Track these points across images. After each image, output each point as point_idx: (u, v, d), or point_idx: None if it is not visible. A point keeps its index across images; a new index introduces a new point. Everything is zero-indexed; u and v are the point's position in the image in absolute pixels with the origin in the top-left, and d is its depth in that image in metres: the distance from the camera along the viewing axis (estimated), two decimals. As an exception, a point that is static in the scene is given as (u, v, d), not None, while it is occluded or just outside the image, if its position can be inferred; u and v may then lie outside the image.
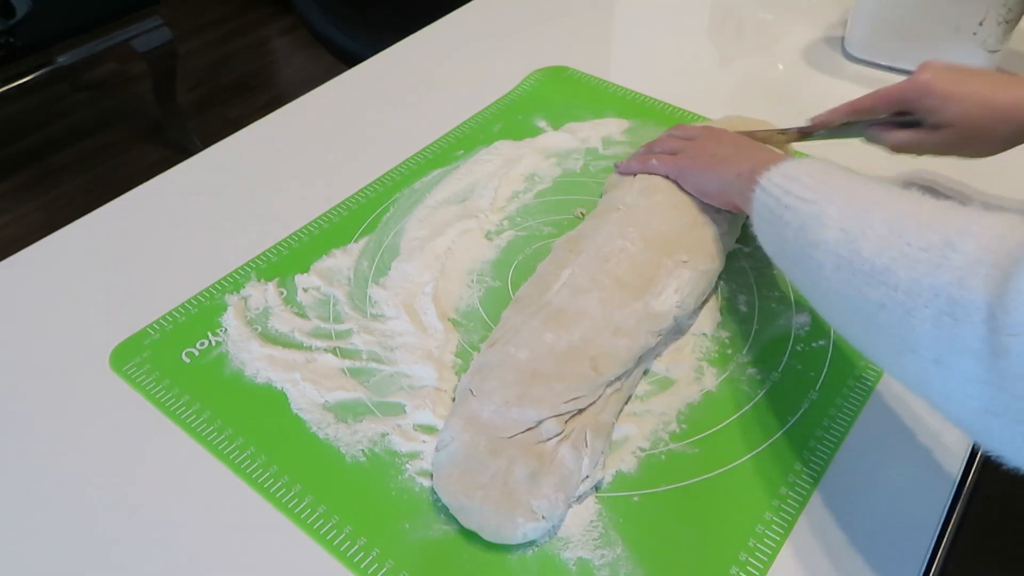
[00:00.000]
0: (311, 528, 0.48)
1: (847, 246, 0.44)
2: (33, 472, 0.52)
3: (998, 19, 0.82)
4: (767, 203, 0.52)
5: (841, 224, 0.45)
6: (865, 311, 0.44)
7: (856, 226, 0.44)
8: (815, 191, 0.49)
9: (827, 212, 0.47)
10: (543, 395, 0.51)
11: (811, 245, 0.47)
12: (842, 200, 0.47)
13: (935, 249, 0.40)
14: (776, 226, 0.51)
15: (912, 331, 0.40)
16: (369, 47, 0.97)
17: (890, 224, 0.43)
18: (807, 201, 0.49)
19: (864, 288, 0.43)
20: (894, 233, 0.42)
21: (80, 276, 0.66)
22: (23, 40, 1.63)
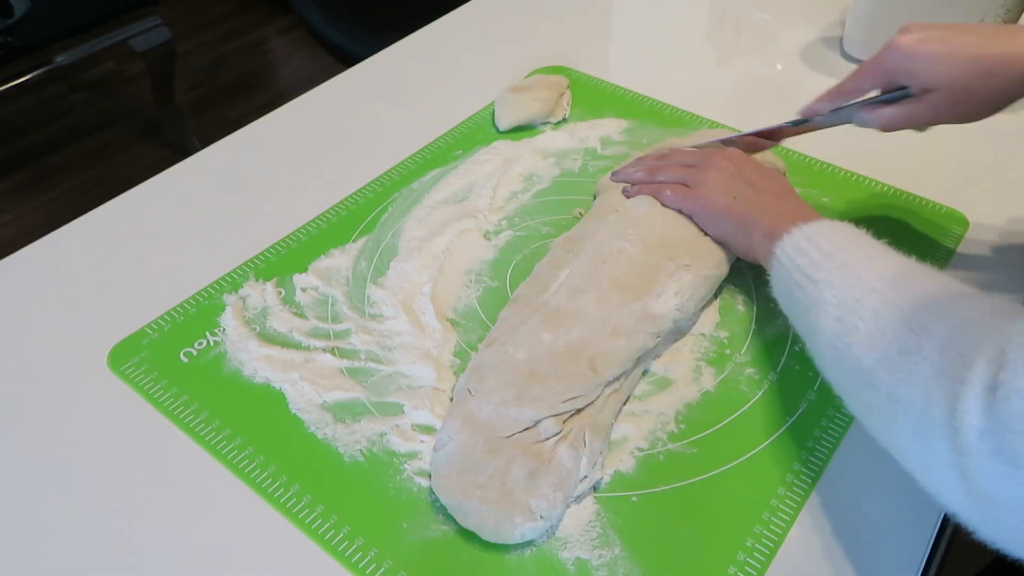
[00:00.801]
0: (309, 528, 0.48)
1: (841, 339, 0.46)
2: (31, 471, 0.52)
3: (996, 18, 0.82)
4: (782, 276, 0.53)
5: (836, 313, 0.47)
6: (859, 406, 0.47)
7: (849, 318, 0.46)
8: (819, 268, 0.50)
9: (825, 298, 0.48)
10: (541, 395, 0.51)
11: (814, 331, 0.49)
12: (841, 283, 0.48)
13: (909, 354, 0.41)
14: (790, 303, 0.53)
15: (898, 436, 0.42)
16: (368, 47, 0.97)
17: (878, 318, 0.44)
18: (812, 281, 0.50)
19: (855, 386, 0.46)
20: (879, 330, 0.44)
21: (78, 276, 0.66)
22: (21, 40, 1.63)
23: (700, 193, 0.62)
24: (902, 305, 0.44)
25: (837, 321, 0.46)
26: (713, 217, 0.61)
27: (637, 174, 0.67)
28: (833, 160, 0.76)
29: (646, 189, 0.64)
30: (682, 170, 0.64)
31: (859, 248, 0.50)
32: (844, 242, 0.51)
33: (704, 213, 0.61)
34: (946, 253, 0.67)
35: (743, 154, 0.66)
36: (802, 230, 0.53)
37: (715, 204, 0.61)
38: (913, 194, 0.73)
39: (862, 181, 0.74)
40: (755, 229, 0.58)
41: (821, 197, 0.73)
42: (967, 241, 0.68)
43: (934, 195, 0.72)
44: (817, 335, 0.49)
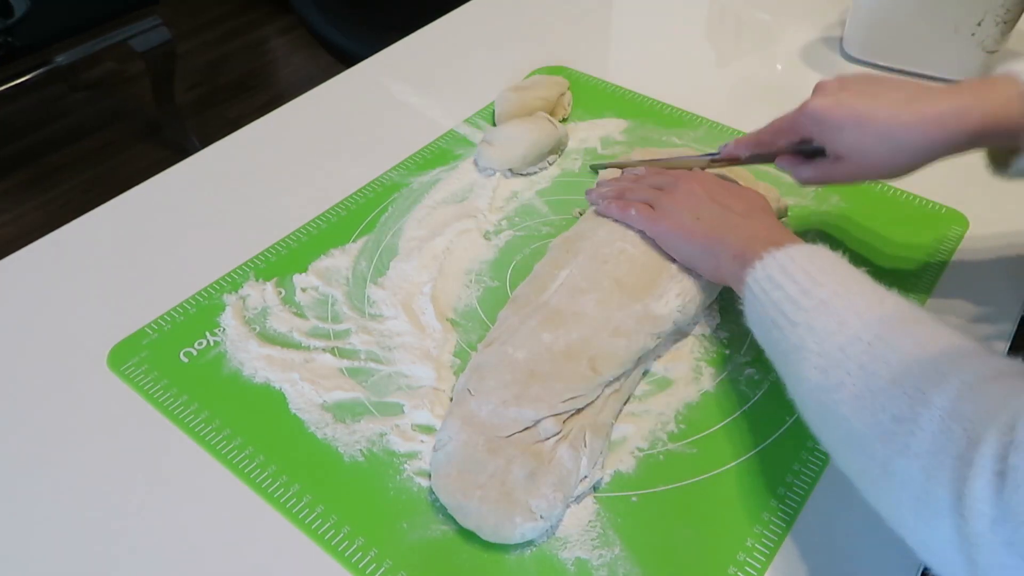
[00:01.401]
0: (309, 528, 0.48)
1: (828, 395, 0.43)
2: (30, 471, 0.52)
3: (996, 19, 0.82)
4: (756, 309, 0.51)
5: (819, 363, 0.44)
6: (849, 467, 0.44)
7: (834, 372, 0.43)
8: (798, 308, 0.47)
9: (807, 345, 0.45)
10: (541, 394, 0.51)
11: (796, 378, 0.47)
12: (822, 327, 0.45)
13: (905, 423, 0.39)
14: (767, 340, 0.51)
15: (896, 508, 0.40)
16: (368, 47, 0.97)
17: (867, 376, 0.42)
18: (791, 323, 0.47)
19: (845, 447, 0.43)
20: (869, 391, 0.41)
21: (78, 276, 0.66)
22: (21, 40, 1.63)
23: (663, 215, 0.60)
24: (892, 362, 0.41)
25: (821, 373, 0.44)
26: (676, 239, 0.59)
27: (608, 193, 0.65)
28: (833, 160, 0.76)
29: (613, 206, 0.62)
30: (650, 191, 0.62)
31: (838, 282, 0.47)
32: (820, 274, 0.48)
33: (667, 236, 0.59)
34: (946, 253, 0.67)
35: (714, 176, 0.64)
36: (775, 258, 0.50)
37: (678, 225, 0.58)
38: (913, 194, 0.73)
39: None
40: (721, 250, 0.55)
41: (827, 197, 0.72)
42: (967, 241, 0.68)
43: (934, 195, 0.72)
44: (799, 384, 0.46)
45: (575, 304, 0.56)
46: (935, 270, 0.65)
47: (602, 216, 0.63)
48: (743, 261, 0.52)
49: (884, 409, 0.40)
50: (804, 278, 0.48)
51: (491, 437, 0.50)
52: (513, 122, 0.76)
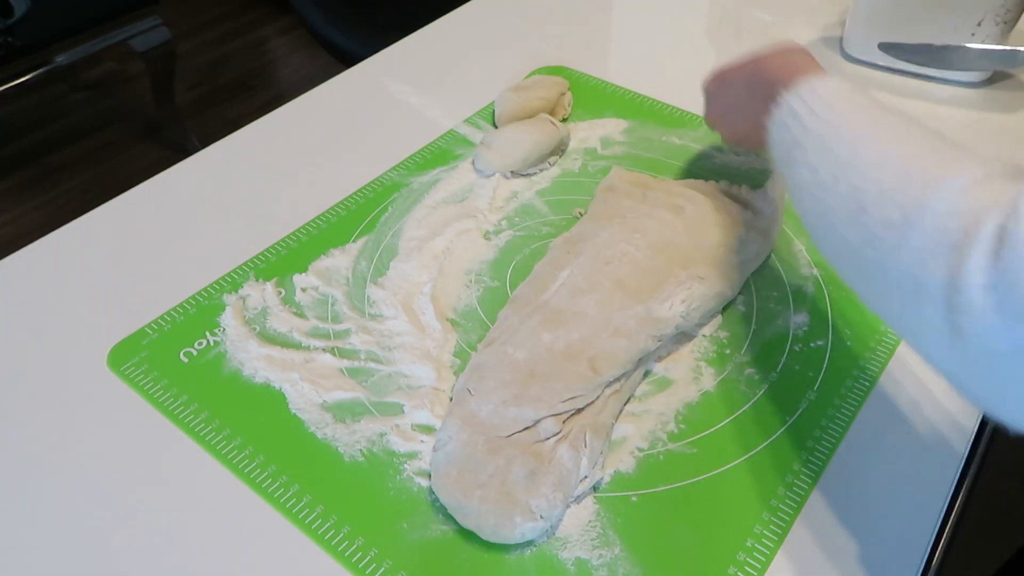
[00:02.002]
0: (309, 528, 0.48)
1: (823, 218, 0.45)
2: (30, 471, 0.52)
3: (996, 19, 0.82)
4: (776, 137, 0.52)
5: (814, 189, 0.46)
6: (848, 275, 0.46)
7: (826, 196, 0.45)
8: (805, 132, 0.49)
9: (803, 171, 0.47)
10: (541, 394, 0.51)
11: (797, 197, 0.49)
12: (821, 151, 0.47)
13: (895, 228, 0.40)
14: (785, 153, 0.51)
15: (889, 307, 0.42)
16: (368, 47, 0.97)
17: (855, 194, 0.43)
18: (798, 144, 0.49)
19: (844, 258, 0.45)
20: (859, 206, 0.42)
21: (78, 276, 0.65)
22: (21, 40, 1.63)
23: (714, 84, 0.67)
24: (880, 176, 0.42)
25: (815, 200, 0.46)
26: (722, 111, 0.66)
27: None
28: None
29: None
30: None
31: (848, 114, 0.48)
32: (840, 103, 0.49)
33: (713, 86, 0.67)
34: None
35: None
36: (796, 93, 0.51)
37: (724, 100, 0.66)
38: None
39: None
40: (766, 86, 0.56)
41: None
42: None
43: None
44: (800, 200, 0.48)
45: (575, 304, 0.56)
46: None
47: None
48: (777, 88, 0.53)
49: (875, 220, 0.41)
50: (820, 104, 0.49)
51: (491, 437, 0.50)
52: (514, 124, 0.76)
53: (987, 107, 0.86)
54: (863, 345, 0.60)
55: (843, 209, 0.43)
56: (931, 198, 0.39)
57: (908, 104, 0.87)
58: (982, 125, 0.84)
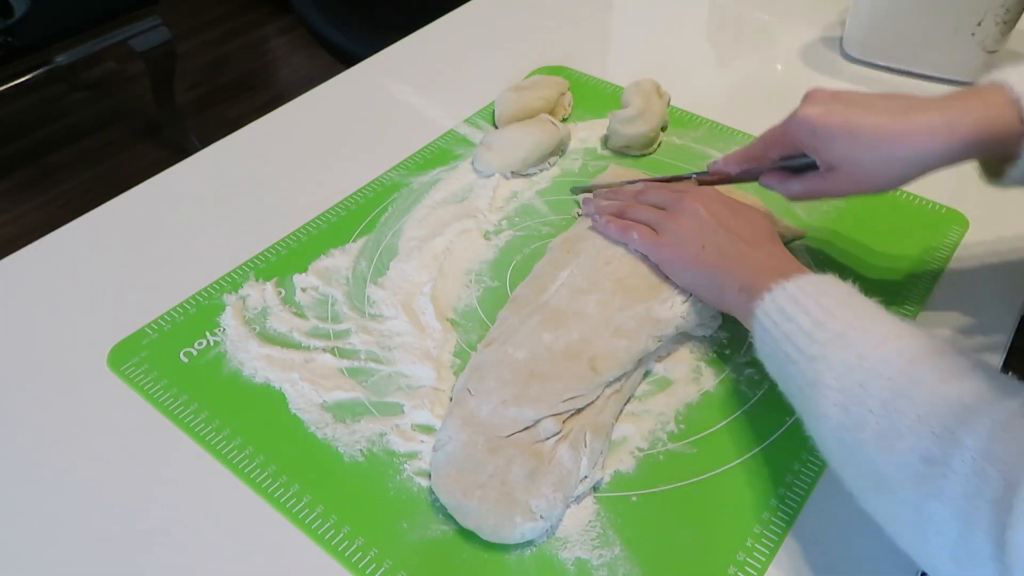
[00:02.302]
0: (309, 528, 0.48)
1: (850, 434, 0.42)
2: (30, 471, 0.52)
3: (996, 19, 0.82)
4: (768, 343, 0.50)
5: (839, 400, 0.43)
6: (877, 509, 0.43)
7: (855, 409, 0.42)
8: (812, 341, 0.46)
9: (824, 380, 0.44)
10: (541, 394, 0.51)
11: (815, 415, 0.45)
12: (840, 362, 0.44)
13: (935, 464, 0.37)
14: (780, 374, 0.50)
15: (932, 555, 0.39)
16: (368, 47, 0.97)
17: (890, 414, 0.40)
18: (807, 357, 0.46)
19: (872, 489, 0.42)
20: (895, 430, 0.40)
21: (78, 276, 0.65)
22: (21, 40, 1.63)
23: (666, 241, 0.58)
24: (916, 398, 0.40)
25: (842, 410, 0.43)
26: (680, 268, 0.58)
27: (608, 207, 0.63)
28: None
29: (613, 225, 0.61)
30: (653, 211, 0.61)
31: (853, 314, 0.46)
32: (834, 306, 0.47)
33: (671, 263, 0.58)
34: (946, 253, 0.67)
35: (718, 193, 0.62)
36: (784, 289, 0.49)
37: (682, 253, 0.57)
38: (913, 194, 0.73)
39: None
40: (726, 281, 0.55)
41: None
42: (967, 241, 0.68)
43: (934, 195, 0.72)
44: (819, 421, 0.45)
45: (576, 304, 0.56)
46: (934, 270, 0.65)
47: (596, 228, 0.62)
48: (750, 293, 0.52)
49: (912, 450, 0.38)
50: (817, 310, 0.47)
51: (491, 437, 0.50)
52: (513, 125, 0.76)
53: (987, 107, 0.86)
54: (863, 345, 0.59)
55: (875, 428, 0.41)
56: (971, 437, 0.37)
57: (908, 104, 0.87)
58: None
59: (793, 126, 0.55)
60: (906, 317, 0.62)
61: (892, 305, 0.62)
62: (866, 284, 0.63)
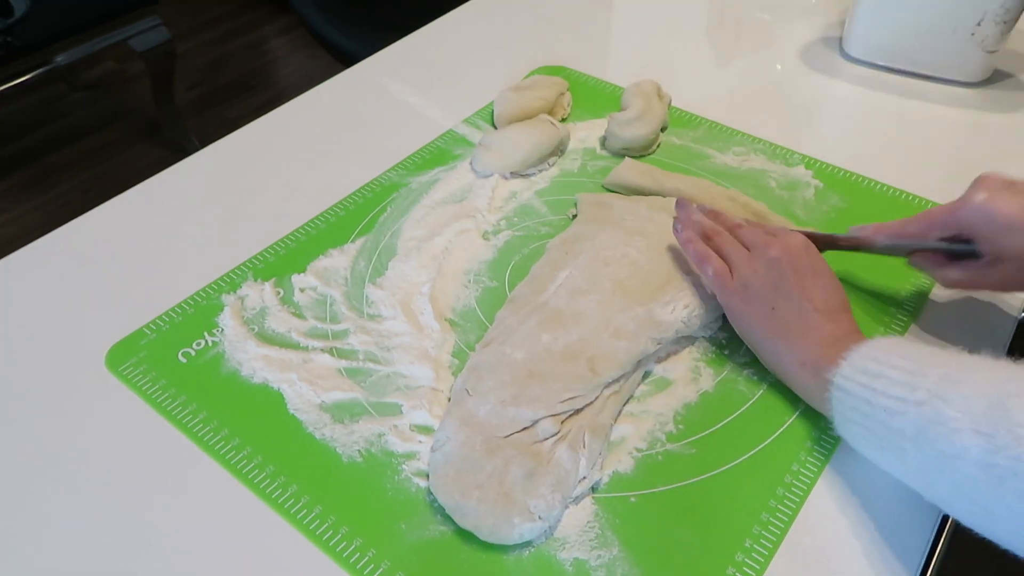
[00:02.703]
0: (307, 528, 0.48)
1: (1001, 453, 0.39)
2: (28, 471, 0.52)
3: (996, 19, 0.82)
4: (855, 406, 0.47)
5: (975, 427, 0.40)
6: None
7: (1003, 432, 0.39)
8: (916, 388, 0.43)
9: (947, 417, 0.41)
10: (539, 395, 0.51)
11: (946, 457, 0.41)
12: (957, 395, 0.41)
13: None
14: (879, 434, 0.46)
15: None
16: (367, 47, 0.97)
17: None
18: (916, 403, 0.43)
19: None
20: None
21: (77, 276, 0.65)
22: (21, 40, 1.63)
23: (738, 290, 0.55)
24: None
25: (984, 438, 0.39)
26: (745, 323, 0.55)
27: (697, 224, 0.60)
28: (834, 161, 0.76)
29: (692, 247, 0.58)
30: (737, 248, 0.57)
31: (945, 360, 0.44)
32: (921, 355, 0.45)
33: (737, 315, 0.56)
34: (945, 253, 0.67)
35: (804, 243, 0.57)
36: (860, 353, 0.47)
37: (750, 310, 0.55)
38: (913, 194, 0.72)
39: (862, 181, 0.74)
40: (787, 352, 0.53)
41: (827, 198, 0.72)
42: (967, 241, 0.68)
43: (934, 195, 0.72)
44: (952, 463, 0.41)
45: (575, 304, 0.56)
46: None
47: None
48: (817, 368, 0.50)
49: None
50: (904, 362, 0.45)
51: (489, 437, 0.50)
52: (513, 126, 0.76)
53: (987, 107, 0.86)
54: (862, 345, 0.59)
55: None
56: None
57: (908, 104, 0.87)
58: (982, 125, 0.84)
59: (967, 211, 0.52)
60: (906, 317, 0.62)
61: (892, 306, 0.62)
62: (866, 285, 0.64)
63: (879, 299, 0.63)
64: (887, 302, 0.63)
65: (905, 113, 0.85)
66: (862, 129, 0.83)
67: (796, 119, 0.85)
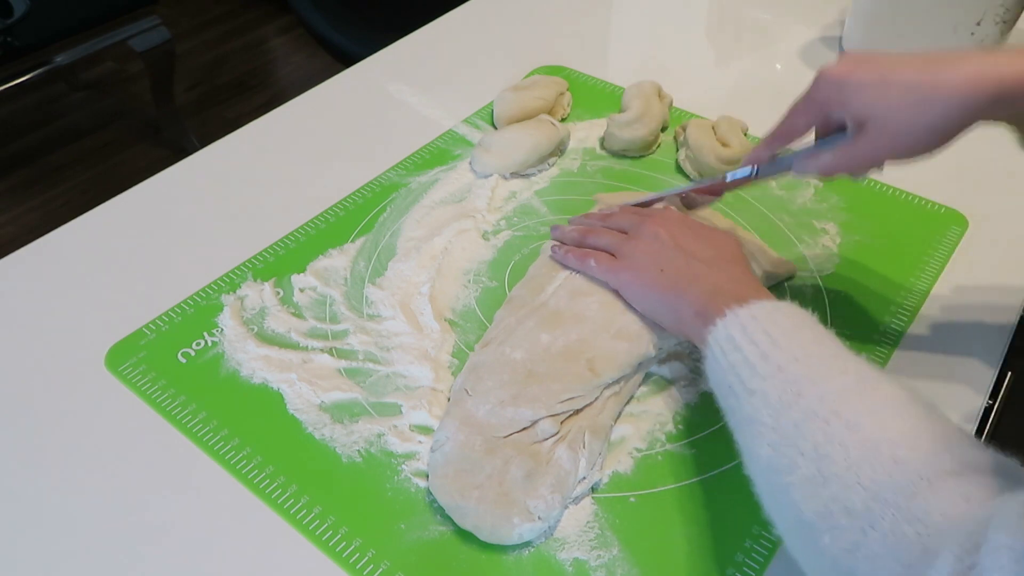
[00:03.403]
0: (307, 529, 0.48)
1: (778, 476, 0.40)
2: (28, 471, 0.52)
3: (995, 19, 0.82)
4: (716, 372, 0.47)
5: (773, 439, 0.41)
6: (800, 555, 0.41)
7: (786, 451, 0.40)
8: (754, 373, 0.44)
9: (761, 418, 0.42)
10: (538, 395, 0.51)
11: (749, 453, 0.44)
12: (777, 397, 0.42)
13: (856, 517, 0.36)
14: (725, 405, 0.47)
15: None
16: (367, 47, 0.97)
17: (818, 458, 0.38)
18: (748, 391, 0.44)
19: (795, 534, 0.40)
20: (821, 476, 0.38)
21: (77, 276, 0.65)
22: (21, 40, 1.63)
23: (625, 265, 0.56)
24: (848, 444, 0.38)
25: (774, 450, 0.41)
26: (639, 292, 0.55)
27: (571, 234, 0.61)
28: (832, 160, 0.76)
29: (572, 255, 0.59)
30: (613, 236, 0.59)
31: (799, 345, 0.44)
32: (782, 335, 0.45)
33: (629, 288, 0.56)
34: (946, 253, 0.67)
35: (681, 215, 0.60)
36: (736, 316, 0.47)
37: (640, 277, 0.55)
38: (913, 194, 0.72)
39: (862, 181, 0.74)
40: (683, 305, 0.52)
41: (827, 197, 0.72)
42: (967, 241, 0.68)
43: (934, 195, 0.72)
44: (752, 461, 0.43)
45: (576, 306, 0.56)
46: (934, 270, 0.65)
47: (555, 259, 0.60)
48: (704, 318, 0.49)
49: (836, 499, 0.37)
50: (764, 339, 0.45)
51: (488, 437, 0.50)
52: (513, 127, 0.76)
53: (987, 107, 0.86)
54: (860, 346, 0.59)
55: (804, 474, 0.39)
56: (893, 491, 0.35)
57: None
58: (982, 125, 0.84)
59: (820, 84, 0.51)
60: (906, 317, 0.62)
61: (891, 305, 0.62)
62: (865, 285, 0.64)
63: (883, 292, 0.63)
64: (891, 295, 0.63)
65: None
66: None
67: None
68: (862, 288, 0.64)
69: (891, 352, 0.59)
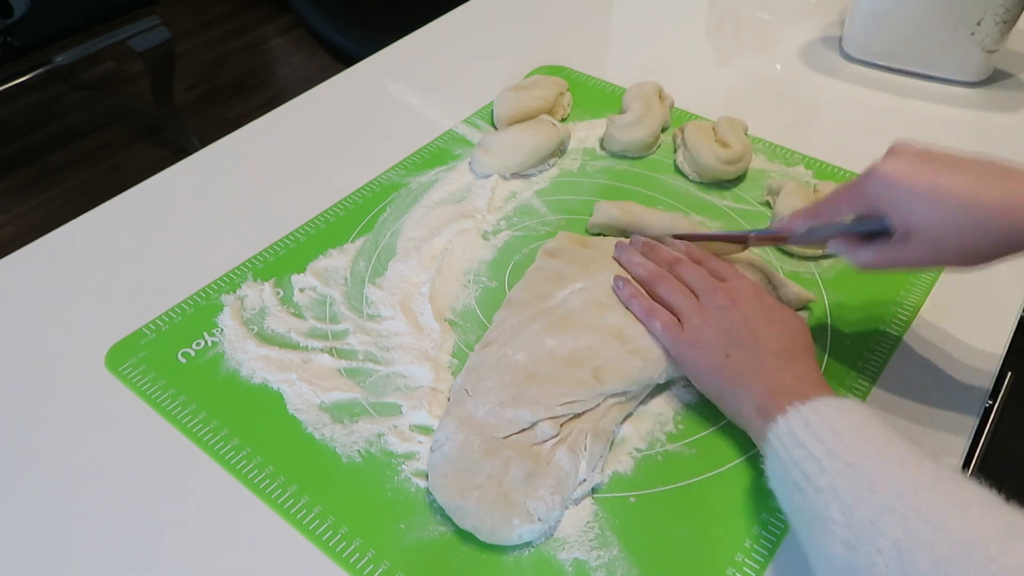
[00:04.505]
0: (307, 529, 0.48)
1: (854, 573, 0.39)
2: (28, 471, 0.52)
3: (996, 19, 0.82)
4: (778, 470, 0.46)
5: (846, 536, 0.39)
6: None
7: (862, 547, 0.38)
8: (822, 470, 0.42)
9: (832, 514, 0.40)
10: (538, 396, 0.51)
11: (819, 552, 0.42)
12: (849, 493, 0.40)
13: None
14: (788, 504, 0.45)
15: None
16: (367, 47, 0.97)
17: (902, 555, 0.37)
18: (815, 488, 0.42)
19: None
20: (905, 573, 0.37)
21: (76, 276, 0.65)
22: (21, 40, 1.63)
23: (690, 339, 0.54)
24: (931, 542, 0.37)
25: (848, 548, 0.39)
26: (700, 373, 0.53)
27: (638, 269, 0.59)
28: (834, 161, 0.76)
29: (637, 303, 0.57)
30: (684, 295, 0.56)
31: (867, 441, 0.43)
32: (848, 431, 0.43)
33: (691, 366, 0.54)
34: (945, 253, 0.67)
35: (755, 288, 0.56)
36: (799, 412, 0.45)
37: (704, 359, 0.53)
38: (912, 194, 0.72)
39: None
40: (744, 398, 0.50)
41: (820, 197, 0.72)
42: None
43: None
44: (824, 561, 0.41)
45: (589, 315, 0.56)
46: (934, 269, 0.65)
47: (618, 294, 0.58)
48: (765, 415, 0.48)
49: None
50: (830, 436, 0.43)
51: (488, 438, 0.50)
52: (513, 127, 0.76)
53: (987, 107, 0.86)
54: (861, 346, 0.59)
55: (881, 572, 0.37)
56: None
57: (908, 104, 0.87)
58: (982, 125, 0.84)
59: (871, 182, 0.49)
60: (906, 316, 0.62)
61: (891, 304, 0.62)
62: (865, 284, 0.64)
63: (882, 292, 0.63)
64: (890, 295, 0.63)
65: (905, 113, 0.85)
66: (862, 129, 0.83)
67: (796, 119, 0.85)
68: (862, 287, 0.64)
69: (891, 352, 0.59)
